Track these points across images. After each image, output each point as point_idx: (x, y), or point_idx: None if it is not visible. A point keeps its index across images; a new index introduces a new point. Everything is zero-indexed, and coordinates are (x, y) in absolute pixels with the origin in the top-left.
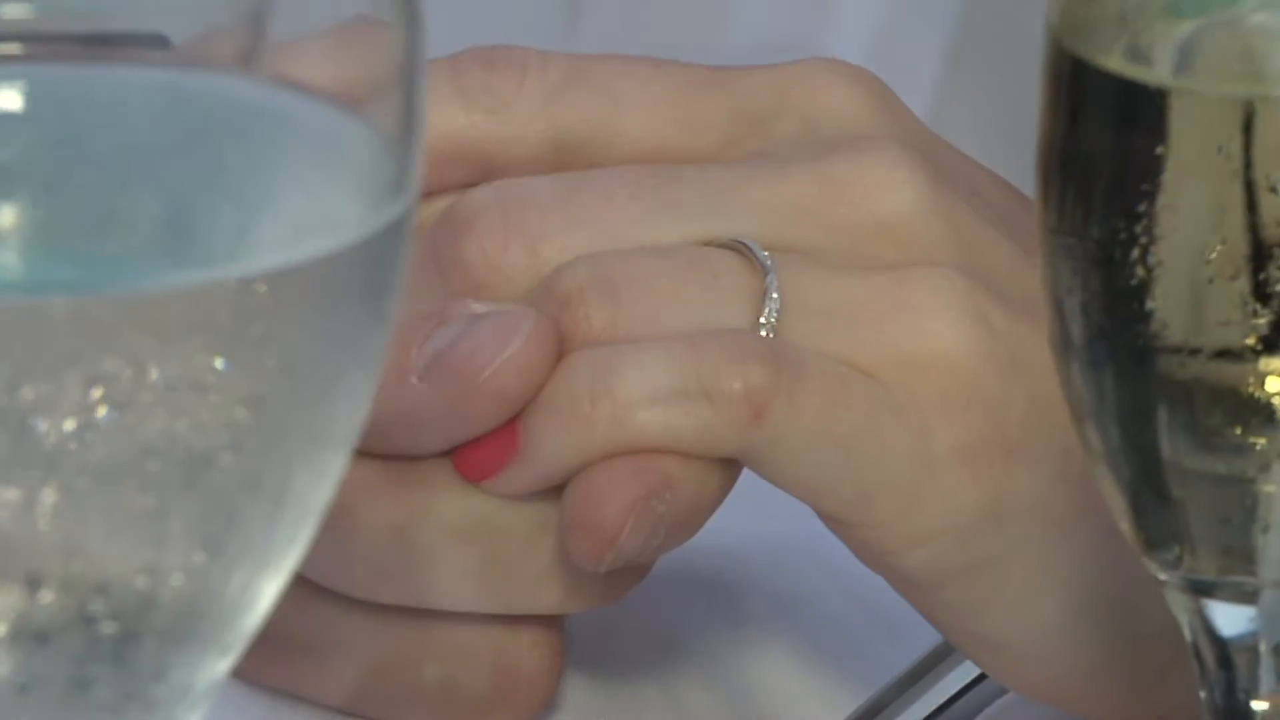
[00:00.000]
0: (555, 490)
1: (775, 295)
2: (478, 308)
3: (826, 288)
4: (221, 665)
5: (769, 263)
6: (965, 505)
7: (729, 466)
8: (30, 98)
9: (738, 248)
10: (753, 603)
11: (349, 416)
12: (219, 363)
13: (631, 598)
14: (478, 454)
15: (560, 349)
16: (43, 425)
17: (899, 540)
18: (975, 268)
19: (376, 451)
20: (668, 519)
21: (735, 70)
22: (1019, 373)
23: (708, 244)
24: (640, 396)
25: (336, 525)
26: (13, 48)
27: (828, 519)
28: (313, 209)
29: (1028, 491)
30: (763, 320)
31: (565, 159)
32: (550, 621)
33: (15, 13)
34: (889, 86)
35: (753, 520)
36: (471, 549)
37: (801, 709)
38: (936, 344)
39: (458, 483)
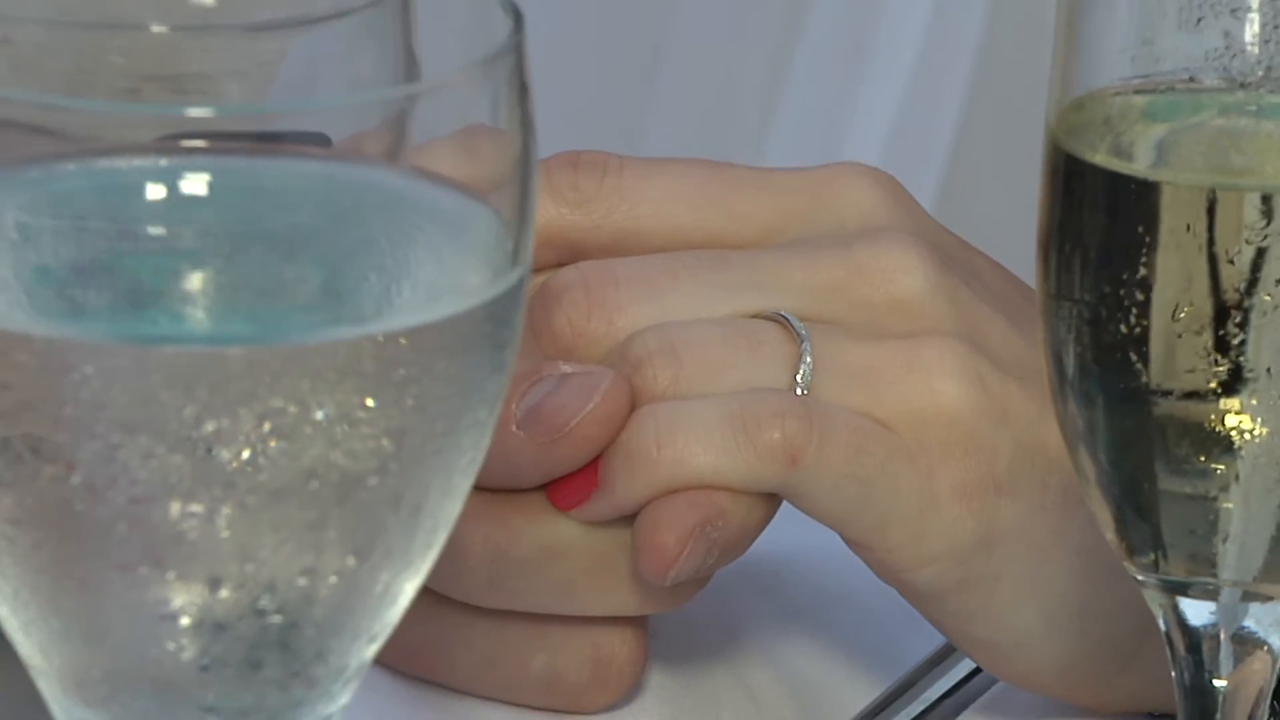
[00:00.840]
0: (628, 517)
1: (809, 360)
2: (566, 368)
3: (851, 353)
4: (370, 651)
5: (804, 332)
6: (962, 534)
7: (770, 500)
8: (214, 184)
9: (778, 319)
10: (803, 599)
11: (474, 445)
12: (368, 402)
13: (702, 596)
14: (566, 488)
15: (632, 403)
16: (223, 453)
17: (908, 562)
18: (973, 337)
19: (484, 485)
20: (720, 543)
21: (777, 172)
22: (1007, 424)
23: (753, 316)
24: (697, 443)
25: (453, 546)
26: (200, 143)
27: (850, 543)
28: (444, 277)
29: (1014, 521)
30: (798, 380)
31: (636, 244)
32: (636, 618)
33: (202, 114)
34: (902, 184)
35: (800, 534)
36: (561, 565)
37: (843, 686)
38: (941, 401)
39: (550, 511)
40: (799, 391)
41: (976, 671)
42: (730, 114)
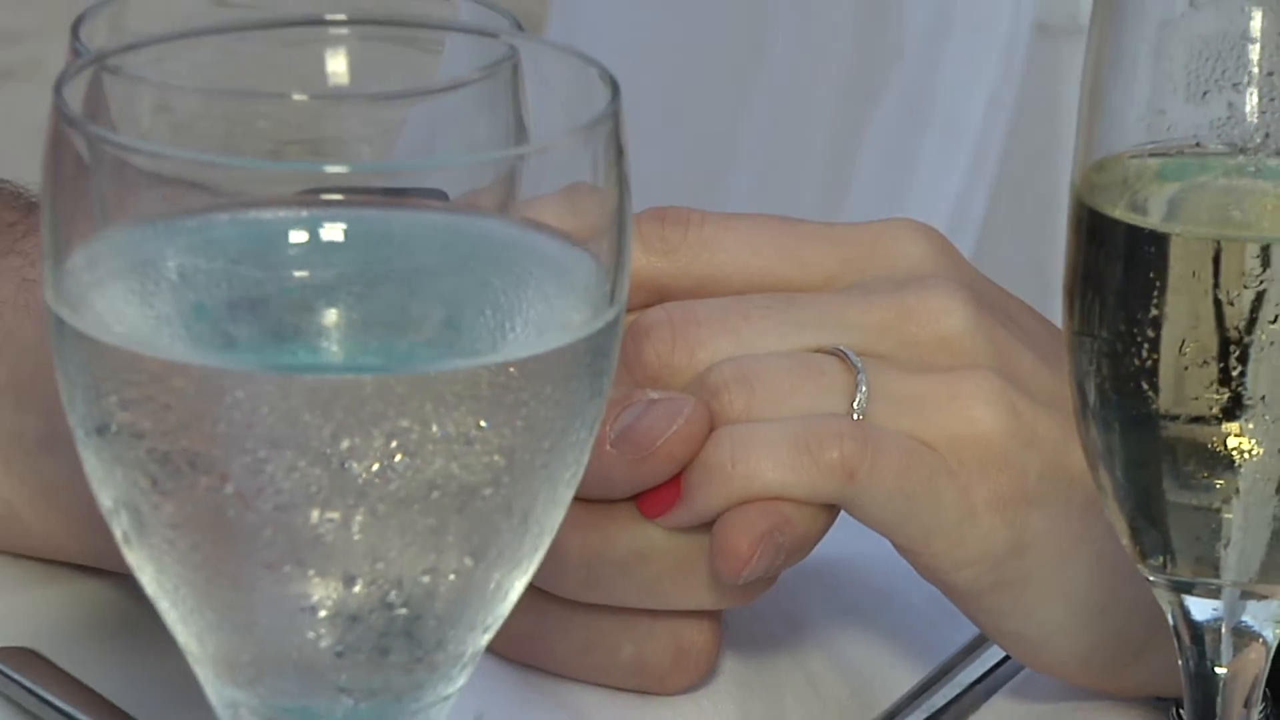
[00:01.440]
0: (707, 525)
1: (864, 389)
2: (654, 395)
3: (900, 384)
4: (483, 639)
5: (860, 365)
6: (997, 541)
7: (829, 510)
8: (348, 233)
9: (838, 354)
10: (856, 596)
11: (575, 461)
12: (482, 423)
13: (769, 593)
14: (653, 499)
15: (711, 425)
16: (356, 466)
17: (949, 565)
18: (1006, 371)
19: (582, 496)
20: (785, 547)
21: (837, 226)
22: (1036, 446)
23: (816, 351)
24: (767, 461)
25: (555, 548)
26: (336, 196)
27: (898, 548)
28: (550, 315)
29: (1042, 530)
30: (855, 407)
31: (715, 288)
32: (712, 612)
33: (338, 171)
34: (947, 238)
35: (854, 539)
36: (648, 566)
37: (889, 671)
38: (978, 426)
39: (639, 519)
40: (855, 416)
41: (1005, 659)
42: (802, 172)
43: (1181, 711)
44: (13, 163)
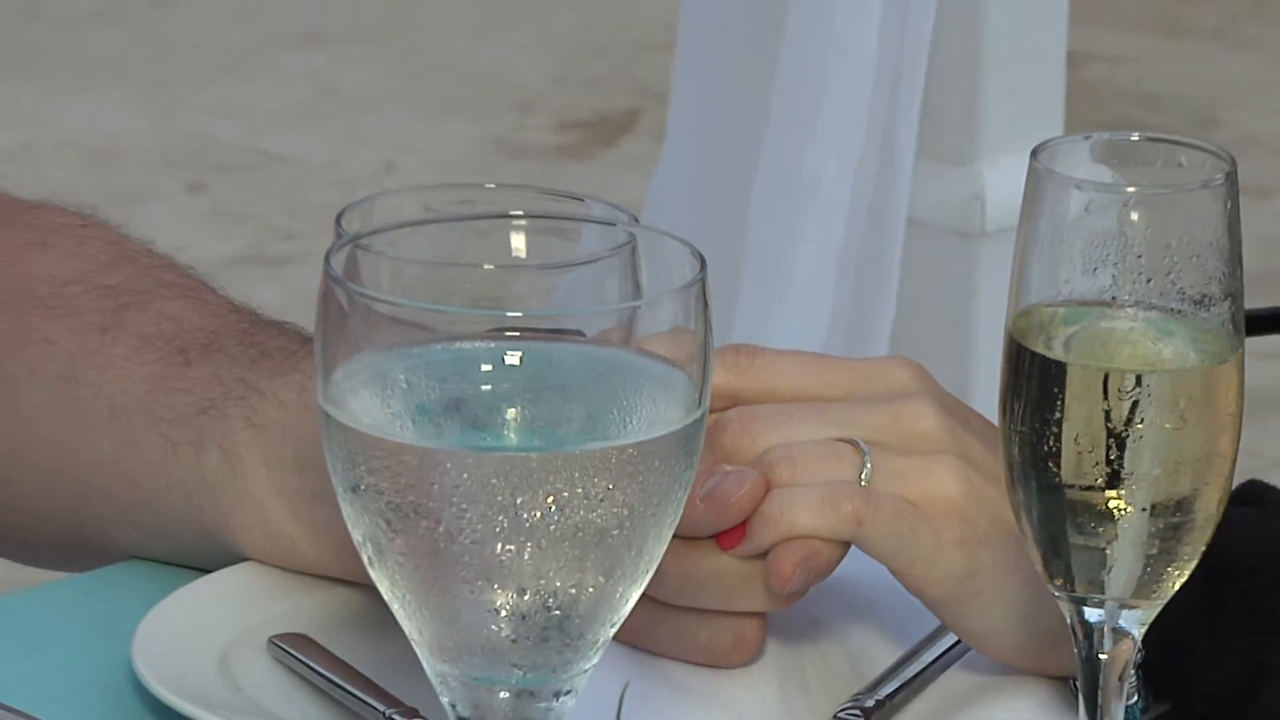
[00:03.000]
0: (761, 555)
1: (869, 466)
2: (728, 468)
3: (893, 463)
4: (611, 631)
5: (866, 450)
6: (957, 568)
7: (844, 545)
8: (521, 358)
9: (852, 443)
10: (856, 600)
11: (675, 512)
12: (610, 486)
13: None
14: (727, 537)
15: (767, 489)
16: (526, 515)
17: (925, 583)
18: (963, 454)
19: (679, 535)
20: (815, 570)
21: (853, 359)
22: (984, 505)
23: (838, 440)
24: (804, 512)
25: (659, 569)
26: (514, 333)
27: (891, 571)
28: (658, 413)
29: (987, 561)
30: (863, 477)
31: (769, 398)
32: (760, 612)
33: (515, 315)
34: (925, 368)
35: (858, 562)
36: (721, 581)
37: (878, 648)
38: (945, 491)
39: (716, 550)
40: (862, 483)
41: (957, 643)
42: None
43: (1076, 683)
44: (290, 313)
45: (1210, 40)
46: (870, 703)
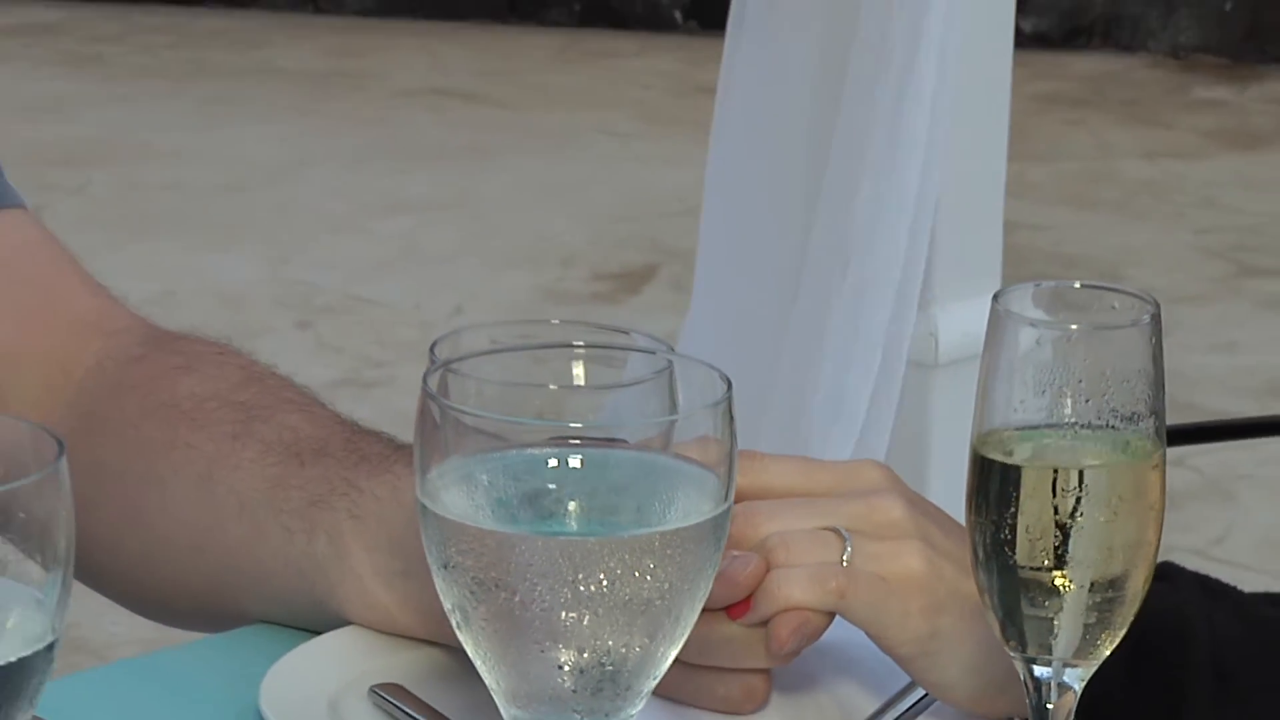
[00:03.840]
0: (764, 623)
1: (849, 549)
2: (735, 553)
3: (868, 547)
4: (653, 684)
5: (847, 537)
6: (921, 632)
7: (830, 615)
8: (582, 461)
9: (835, 530)
10: (841, 658)
11: (706, 584)
12: (652, 564)
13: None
14: (736, 609)
15: (766, 569)
16: (584, 588)
17: (895, 644)
18: (925, 539)
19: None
20: (807, 635)
21: (833, 462)
22: (942, 580)
23: (823, 529)
24: (797, 588)
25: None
26: (575, 441)
27: (868, 635)
28: (691, 505)
29: (946, 626)
30: (844, 559)
31: (768, 494)
32: (767, 668)
33: (575, 427)
34: (891, 468)
35: (841, 628)
36: (733, 645)
37: (862, 699)
38: (911, 569)
39: (727, 619)
40: (844, 564)
41: (926, 694)
42: None
43: None
44: (381, 425)
45: (1112, 212)
46: None
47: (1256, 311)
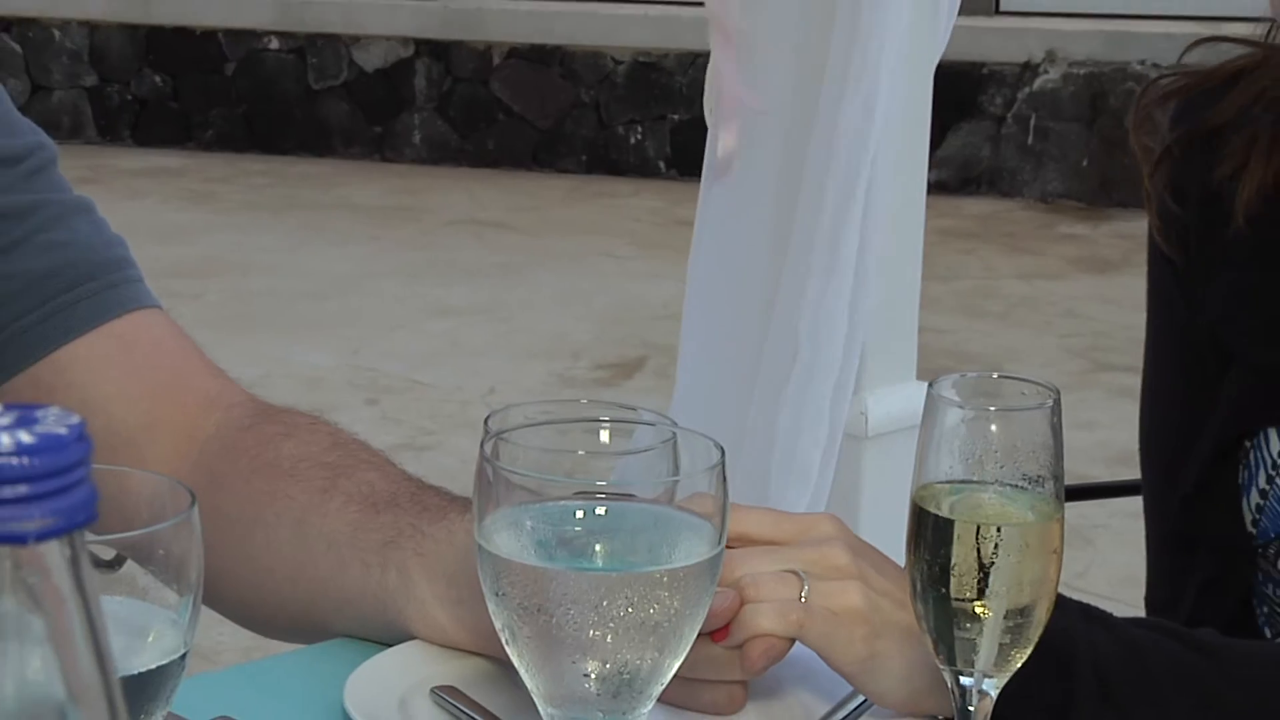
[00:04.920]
0: (739, 646)
1: (806, 588)
2: (716, 589)
3: (821, 586)
4: (659, 690)
5: (805, 578)
6: (862, 654)
7: (791, 640)
8: (605, 511)
9: (795, 572)
10: (800, 672)
11: (703, 611)
12: (664, 595)
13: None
14: (718, 635)
15: (741, 603)
16: (609, 611)
17: (842, 663)
18: (866, 580)
19: None
20: (772, 656)
21: (795, 514)
22: (879, 611)
23: (786, 571)
24: (765, 619)
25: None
26: (600, 496)
27: (820, 656)
28: (693, 548)
29: (882, 648)
30: (802, 596)
31: (743, 541)
32: (744, 681)
33: (600, 484)
34: (843, 522)
35: (799, 650)
36: (715, 662)
37: (814, 702)
38: (853, 604)
39: (711, 643)
40: (802, 599)
41: (865, 700)
42: None
43: None
44: (435, 482)
45: (996, 320)
46: None
47: (1108, 398)
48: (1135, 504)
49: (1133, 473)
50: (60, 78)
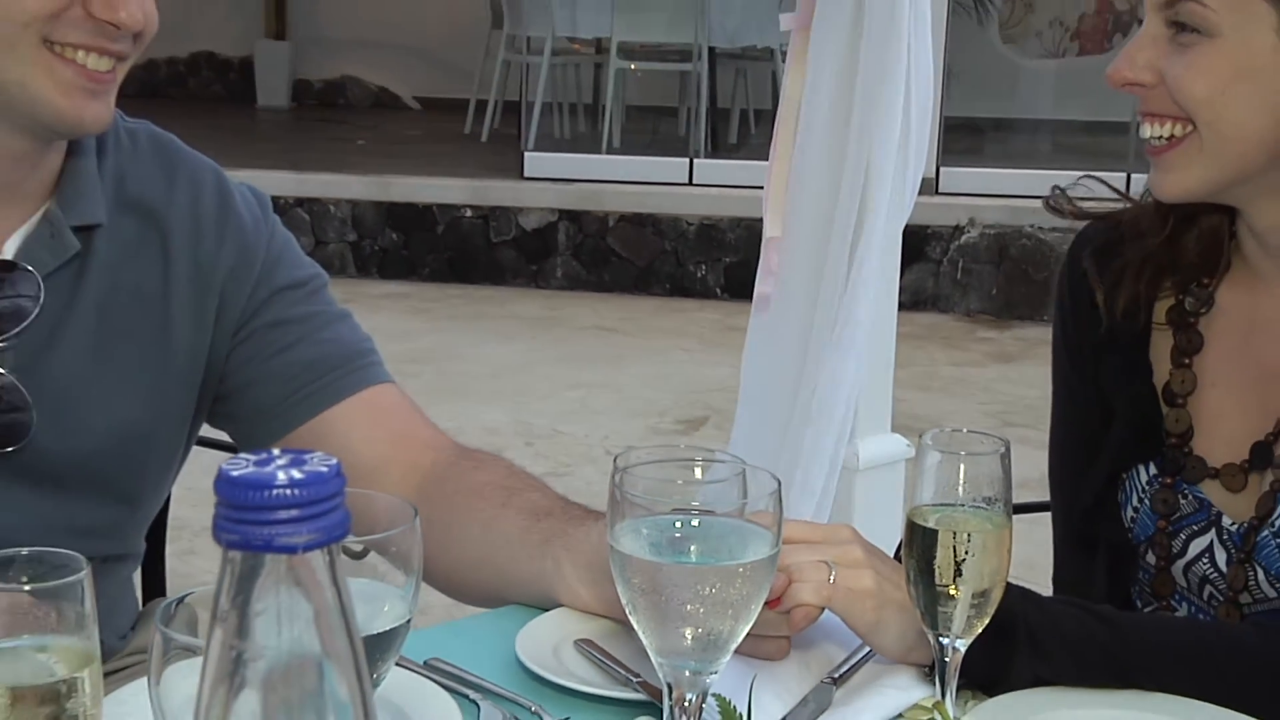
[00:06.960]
0: (788, 611)
1: (834, 573)
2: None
3: (843, 573)
4: (735, 645)
5: (833, 566)
6: (871, 619)
7: (822, 609)
8: (697, 522)
9: (825, 562)
10: (826, 630)
11: (765, 591)
12: (740, 582)
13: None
14: (772, 605)
15: (788, 583)
16: (701, 590)
17: (856, 625)
18: (875, 569)
19: None
20: (810, 619)
21: (823, 524)
22: (884, 591)
23: (820, 562)
24: (805, 594)
25: None
26: (695, 513)
27: (842, 620)
28: (758, 548)
29: (886, 616)
30: (830, 579)
31: (790, 540)
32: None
33: (695, 506)
34: (857, 529)
35: (827, 616)
36: (771, 622)
37: (834, 654)
38: (866, 585)
39: (768, 610)
40: (831, 581)
41: (870, 650)
42: None
43: (931, 670)
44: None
45: (938, 393)
46: (836, 675)
47: (1014, 448)
48: (1033, 516)
49: (1032, 496)
50: (332, 235)
